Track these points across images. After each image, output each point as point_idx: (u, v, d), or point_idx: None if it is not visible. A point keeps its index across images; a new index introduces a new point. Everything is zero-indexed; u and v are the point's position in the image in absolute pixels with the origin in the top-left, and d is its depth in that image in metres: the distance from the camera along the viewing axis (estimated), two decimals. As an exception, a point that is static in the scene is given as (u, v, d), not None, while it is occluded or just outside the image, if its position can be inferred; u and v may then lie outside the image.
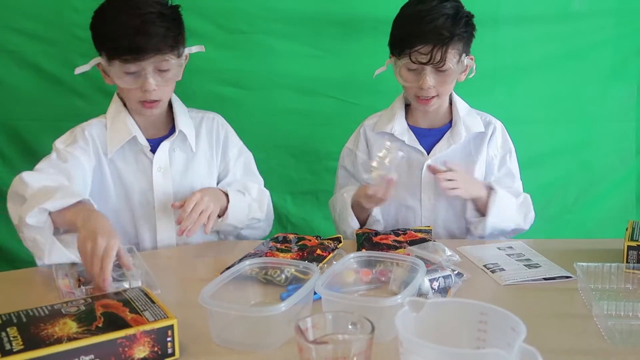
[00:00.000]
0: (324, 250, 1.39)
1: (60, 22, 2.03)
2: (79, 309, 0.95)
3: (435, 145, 1.72)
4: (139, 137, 1.59)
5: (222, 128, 1.73)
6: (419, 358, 0.75)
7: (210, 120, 1.72)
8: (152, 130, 1.64)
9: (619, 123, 2.24)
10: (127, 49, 1.45)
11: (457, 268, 1.29)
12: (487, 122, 1.75)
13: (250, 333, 1.00)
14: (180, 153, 1.65)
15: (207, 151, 1.69)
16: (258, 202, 1.67)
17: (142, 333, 0.91)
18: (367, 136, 1.79)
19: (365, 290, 1.21)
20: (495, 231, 1.65)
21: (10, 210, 1.40)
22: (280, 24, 2.11)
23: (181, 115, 1.65)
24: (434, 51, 1.54)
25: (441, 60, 1.55)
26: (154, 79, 1.49)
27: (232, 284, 1.11)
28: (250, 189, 1.67)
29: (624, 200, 2.30)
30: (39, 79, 2.07)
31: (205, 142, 1.69)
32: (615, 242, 1.39)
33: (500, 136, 1.75)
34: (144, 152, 1.61)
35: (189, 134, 1.65)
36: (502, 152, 1.75)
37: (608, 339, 1.02)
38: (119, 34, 1.44)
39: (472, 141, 1.73)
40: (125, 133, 1.59)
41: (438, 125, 1.75)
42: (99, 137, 1.60)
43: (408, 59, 1.57)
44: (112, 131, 1.60)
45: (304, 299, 1.03)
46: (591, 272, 1.24)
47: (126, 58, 1.46)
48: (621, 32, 2.18)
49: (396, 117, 1.74)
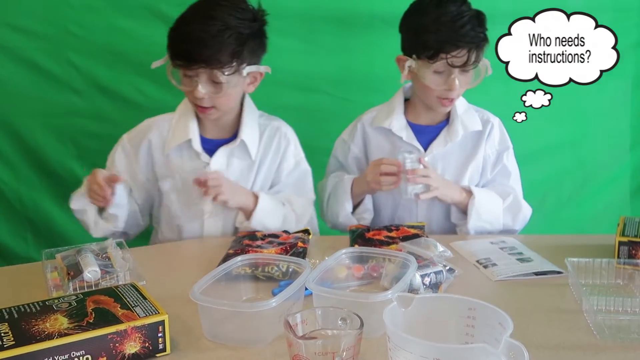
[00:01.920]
0: (305, 243, 1.41)
1: (55, 18, 2.03)
2: (70, 305, 0.96)
3: (432, 142, 1.72)
4: (194, 142, 1.63)
5: (284, 138, 1.73)
6: (407, 353, 0.75)
7: (274, 129, 1.72)
8: (215, 132, 1.67)
9: (614, 119, 2.24)
10: (179, 54, 1.50)
11: (449, 264, 1.29)
12: (485, 119, 1.75)
13: (241, 329, 1.01)
14: (238, 161, 1.66)
15: (265, 160, 1.70)
16: (297, 216, 1.66)
17: (133, 329, 0.92)
18: (365, 131, 1.78)
19: (357, 286, 1.22)
20: (479, 231, 1.65)
21: None
22: (274, 20, 2.09)
23: (247, 122, 1.66)
24: (469, 54, 1.55)
25: (476, 61, 1.56)
26: (204, 88, 1.52)
27: (224, 280, 1.11)
28: (293, 202, 1.67)
29: (618, 195, 2.30)
30: (34, 75, 2.06)
31: (263, 151, 1.70)
32: (608, 238, 1.40)
33: (497, 133, 1.75)
34: (198, 155, 1.64)
35: (251, 143, 1.66)
36: (498, 149, 1.75)
37: (597, 334, 1.03)
38: (177, 38, 1.51)
39: (470, 139, 1.73)
40: (183, 134, 1.63)
41: (436, 122, 1.74)
42: (159, 136, 1.67)
43: (443, 62, 1.56)
44: (174, 129, 1.65)
45: (295, 294, 1.04)
46: (582, 268, 1.25)
47: (177, 63, 1.51)
48: (616, 28, 2.18)
49: (395, 113, 1.73)
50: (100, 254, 1.27)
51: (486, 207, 1.64)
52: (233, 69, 1.52)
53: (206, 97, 1.53)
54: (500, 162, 1.75)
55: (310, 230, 1.56)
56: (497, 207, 1.66)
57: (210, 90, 1.53)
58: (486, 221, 1.64)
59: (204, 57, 1.48)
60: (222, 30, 1.48)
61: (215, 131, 1.67)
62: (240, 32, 1.50)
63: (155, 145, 1.66)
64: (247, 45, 1.53)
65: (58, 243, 1.64)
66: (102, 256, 1.26)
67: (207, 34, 1.47)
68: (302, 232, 1.52)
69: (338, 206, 1.68)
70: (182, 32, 1.51)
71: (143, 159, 1.67)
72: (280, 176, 1.72)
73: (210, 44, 1.47)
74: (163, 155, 1.65)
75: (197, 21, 1.49)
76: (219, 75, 1.51)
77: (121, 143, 1.69)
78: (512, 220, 1.67)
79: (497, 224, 1.65)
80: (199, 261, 1.43)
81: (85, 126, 2.04)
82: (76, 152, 2.11)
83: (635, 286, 1.22)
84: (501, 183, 1.74)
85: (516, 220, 1.68)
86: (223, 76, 1.51)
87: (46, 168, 2.12)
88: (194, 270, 1.33)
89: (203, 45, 1.47)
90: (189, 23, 1.51)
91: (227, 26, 1.48)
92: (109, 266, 1.22)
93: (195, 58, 1.49)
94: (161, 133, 1.66)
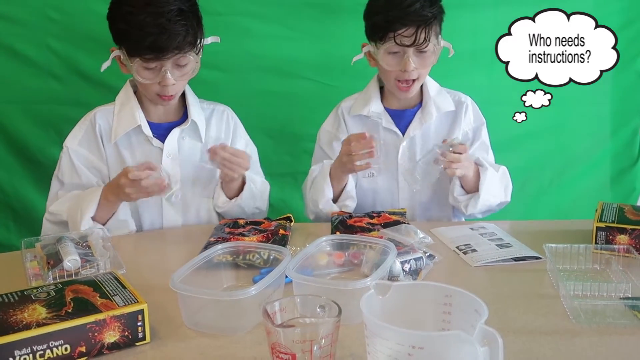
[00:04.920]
0: (286, 230, 1.41)
1: (34, 3, 2.00)
2: (49, 295, 0.96)
3: (408, 126, 1.73)
4: (143, 127, 1.61)
5: (232, 120, 1.76)
6: (383, 340, 0.76)
7: (220, 112, 1.74)
8: (161, 116, 1.66)
9: (594, 106, 2.25)
10: (149, 48, 1.45)
11: (429, 250, 1.30)
12: (457, 100, 1.77)
13: (221, 317, 1.01)
14: (190, 141, 1.66)
15: (215, 142, 1.68)
16: (260, 193, 1.71)
17: (112, 318, 0.92)
18: (345, 120, 1.79)
19: (338, 272, 1.23)
20: (484, 207, 1.66)
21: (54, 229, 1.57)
22: (256, 6, 2.09)
23: (194, 105, 1.67)
24: (417, 32, 1.56)
25: (425, 40, 1.57)
26: (172, 75, 1.50)
27: (204, 267, 1.12)
28: (254, 180, 1.70)
29: (598, 181, 2.32)
30: (13, 61, 2.03)
31: (214, 133, 1.71)
32: (586, 223, 1.41)
33: (471, 111, 1.78)
34: (149, 140, 1.62)
35: (200, 124, 1.66)
36: (474, 125, 1.78)
37: (573, 319, 1.05)
38: (141, 34, 1.45)
39: (445, 119, 1.75)
40: (130, 121, 1.60)
41: (411, 106, 1.76)
42: (105, 126, 1.63)
43: (392, 42, 1.57)
44: (118, 118, 1.62)
45: (275, 282, 1.04)
46: (560, 253, 1.27)
47: (148, 57, 1.47)
48: (596, 14, 2.18)
49: (372, 100, 1.74)
50: (81, 242, 1.27)
51: (492, 178, 1.66)
52: (199, 46, 1.52)
53: (175, 84, 1.52)
54: (479, 138, 1.77)
55: (266, 208, 1.65)
56: (497, 178, 1.68)
57: (176, 75, 1.52)
58: (492, 193, 1.65)
59: (176, 45, 1.46)
60: (177, 14, 1.45)
61: (161, 115, 1.66)
62: (186, 11, 1.48)
63: (105, 136, 1.62)
64: (199, 21, 1.53)
65: (40, 230, 1.63)
66: (83, 245, 1.26)
67: (168, 21, 1.44)
68: (283, 219, 1.52)
69: (318, 193, 1.68)
70: (136, 23, 1.44)
71: (102, 153, 1.63)
72: None
73: (176, 30, 1.45)
74: (111, 144, 1.62)
75: (147, 11, 1.44)
76: (188, 57, 1.50)
77: (70, 151, 1.62)
78: (504, 192, 1.70)
79: (497, 196, 1.68)
80: (180, 249, 1.44)
81: (66, 112, 2.01)
82: (57, 138, 2.07)
83: (611, 271, 1.24)
84: (481, 157, 1.75)
85: (507, 192, 1.71)
86: (190, 57, 1.51)
87: (27, 155, 2.10)
88: (176, 258, 1.34)
89: (170, 34, 1.44)
90: (139, 14, 1.44)
91: (177, 10, 1.45)
92: (89, 255, 1.22)
93: (169, 47, 1.45)
94: (107, 122, 1.63)
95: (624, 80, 2.25)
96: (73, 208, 1.52)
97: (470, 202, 1.65)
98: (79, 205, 1.51)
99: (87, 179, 1.60)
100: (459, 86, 1.85)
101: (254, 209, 1.68)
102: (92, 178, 1.61)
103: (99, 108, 1.66)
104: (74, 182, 1.60)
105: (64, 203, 1.56)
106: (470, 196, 1.66)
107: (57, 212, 1.55)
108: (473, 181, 1.65)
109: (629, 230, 1.32)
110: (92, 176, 1.61)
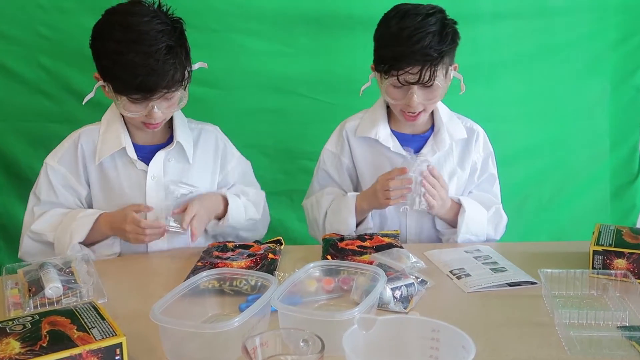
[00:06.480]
0: (275, 254, 1.39)
1: (25, 20, 1.99)
2: (25, 327, 0.92)
3: (419, 151, 1.68)
4: (128, 150, 1.57)
5: (221, 141, 1.72)
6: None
7: (208, 132, 1.71)
8: (147, 138, 1.62)
9: (593, 120, 2.23)
10: (137, 89, 1.42)
11: (421, 275, 1.27)
12: (469, 128, 1.73)
13: (204, 349, 0.98)
14: (176, 163, 1.63)
15: (205, 163, 1.67)
16: (254, 203, 1.68)
17: (88, 352, 0.88)
18: (350, 141, 1.73)
19: (327, 299, 1.19)
20: (466, 241, 1.63)
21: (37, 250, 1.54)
22: (252, 22, 2.07)
23: (180, 127, 1.63)
24: (422, 71, 1.50)
25: (430, 79, 1.51)
26: (159, 108, 1.47)
27: (189, 295, 1.09)
28: (247, 192, 1.68)
29: (598, 197, 2.30)
30: (4, 78, 2.02)
31: (202, 154, 1.67)
32: (583, 245, 1.38)
33: (482, 141, 1.74)
34: (134, 163, 1.59)
35: (187, 145, 1.63)
36: (483, 155, 1.74)
37: (568, 350, 1.01)
38: (129, 75, 1.40)
39: (456, 147, 1.71)
40: (115, 143, 1.57)
41: (420, 131, 1.71)
42: (89, 146, 1.59)
43: (396, 79, 1.53)
44: (104, 138, 1.58)
45: (260, 311, 1.01)
46: (555, 279, 1.23)
47: (135, 97, 1.44)
48: (595, 28, 2.17)
49: (379, 123, 1.69)
50: (64, 268, 1.24)
51: (474, 219, 1.62)
52: (187, 80, 1.50)
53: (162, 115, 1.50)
54: (487, 169, 1.74)
55: (264, 216, 1.67)
56: (483, 218, 1.65)
57: (164, 107, 1.49)
58: (473, 233, 1.62)
59: (164, 85, 1.43)
60: (165, 53, 1.41)
61: (147, 138, 1.62)
62: (174, 47, 1.44)
63: (88, 156, 1.59)
64: (187, 55, 1.50)
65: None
66: (66, 271, 1.23)
67: (156, 61, 1.39)
68: (273, 242, 1.49)
69: (340, 224, 1.63)
70: (123, 63, 1.40)
71: (82, 174, 1.58)
72: (227, 177, 1.72)
73: (165, 70, 1.41)
74: (94, 165, 1.58)
75: (135, 50, 1.39)
76: (177, 92, 1.48)
77: (48, 168, 1.58)
78: (494, 231, 1.67)
79: (482, 235, 1.64)
80: (167, 274, 1.40)
81: (56, 130, 1.98)
82: (48, 156, 2.07)
83: (608, 297, 1.20)
84: (485, 189, 1.73)
85: (497, 231, 1.68)
86: (181, 91, 1.49)
87: (17, 172, 2.08)
88: (162, 284, 1.30)
89: (158, 75, 1.40)
90: (127, 53, 1.39)
91: (165, 47, 1.42)
92: (71, 282, 1.19)
93: (158, 87, 1.42)
94: (92, 143, 1.59)
95: (622, 95, 2.23)
96: (61, 230, 1.49)
97: (451, 237, 1.64)
98: (68, 228, 1.48)
99: (64, 198, 1.57)
100: (458, 101, 1.81)
101: (247, 222, 1.65)
102: (69, 197, 1.57)
103: (85, 128, 1.63)
104: (50, 200, 1.57)
105: (47, 222, 1.52)
106: (452, 231, 1.64)
107: (41, 231, 1.52)
108: (450, 218, 1.63)
109: (626, 254, 1.29)
110: (69, 195, 1.58)
